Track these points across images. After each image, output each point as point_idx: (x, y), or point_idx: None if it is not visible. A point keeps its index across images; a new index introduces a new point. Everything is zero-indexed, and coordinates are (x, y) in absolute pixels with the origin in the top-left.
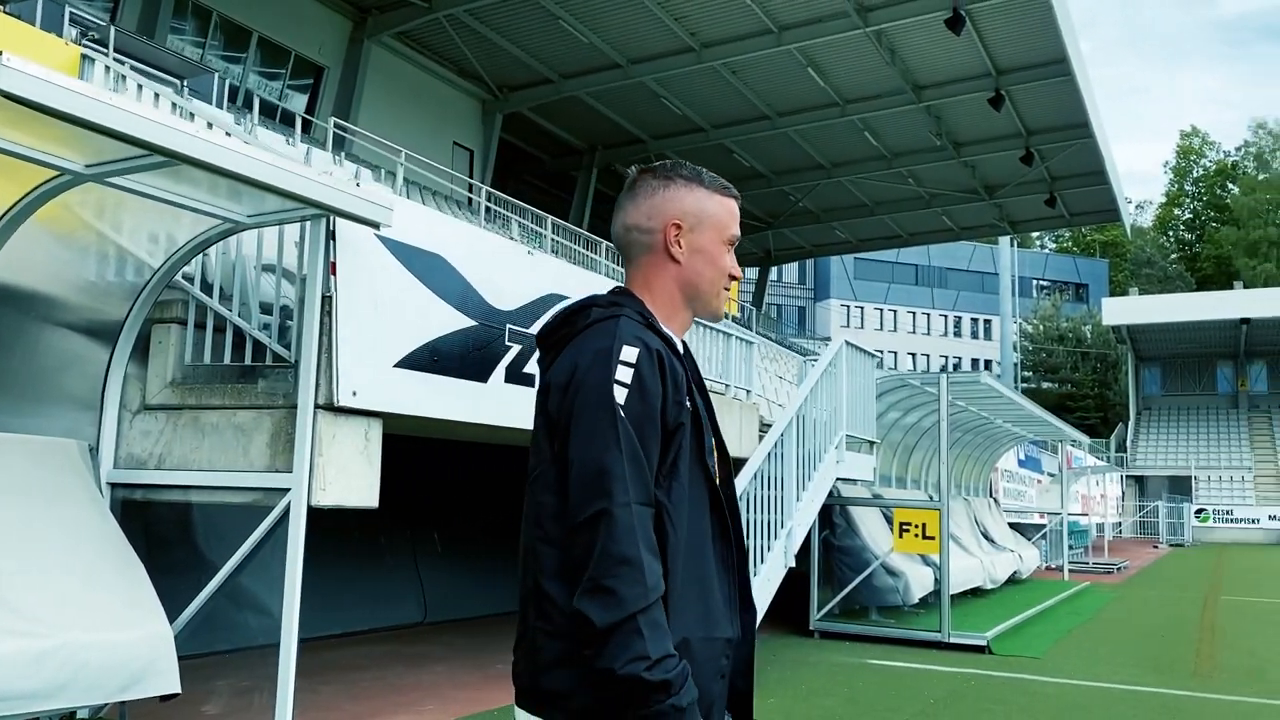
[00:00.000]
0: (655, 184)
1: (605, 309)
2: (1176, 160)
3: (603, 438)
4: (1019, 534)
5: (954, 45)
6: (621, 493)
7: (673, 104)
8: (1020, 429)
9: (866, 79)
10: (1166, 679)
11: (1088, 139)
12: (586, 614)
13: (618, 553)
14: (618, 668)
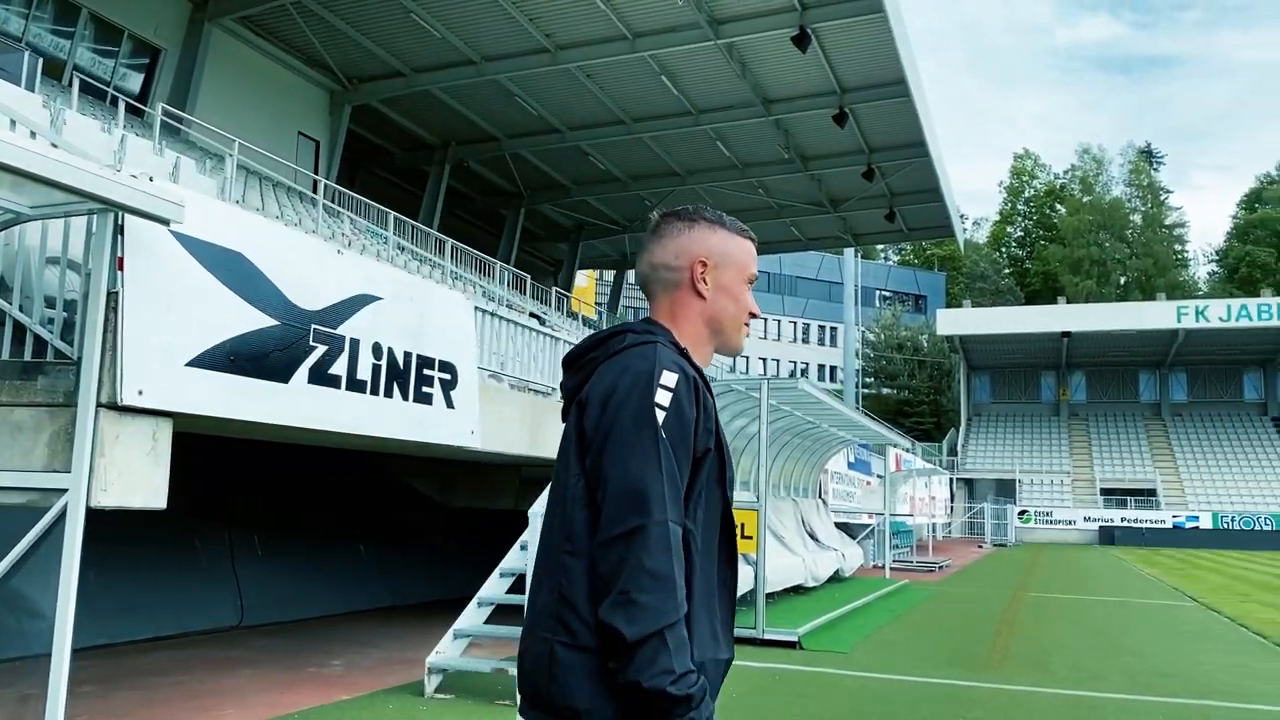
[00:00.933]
0: (681, 225)
1: (639, 335)
2: (1010, 180)
3: (643, 456)
4: (845, 533)
5: (802, 62)
6: (659, 510)
7: (528, 104)
8: (846, 433)
9: (719, 90)
10: (959, 671)
11: (924, 158)
12: (615, 626)
13: (651, 567)
14: (644, 680)
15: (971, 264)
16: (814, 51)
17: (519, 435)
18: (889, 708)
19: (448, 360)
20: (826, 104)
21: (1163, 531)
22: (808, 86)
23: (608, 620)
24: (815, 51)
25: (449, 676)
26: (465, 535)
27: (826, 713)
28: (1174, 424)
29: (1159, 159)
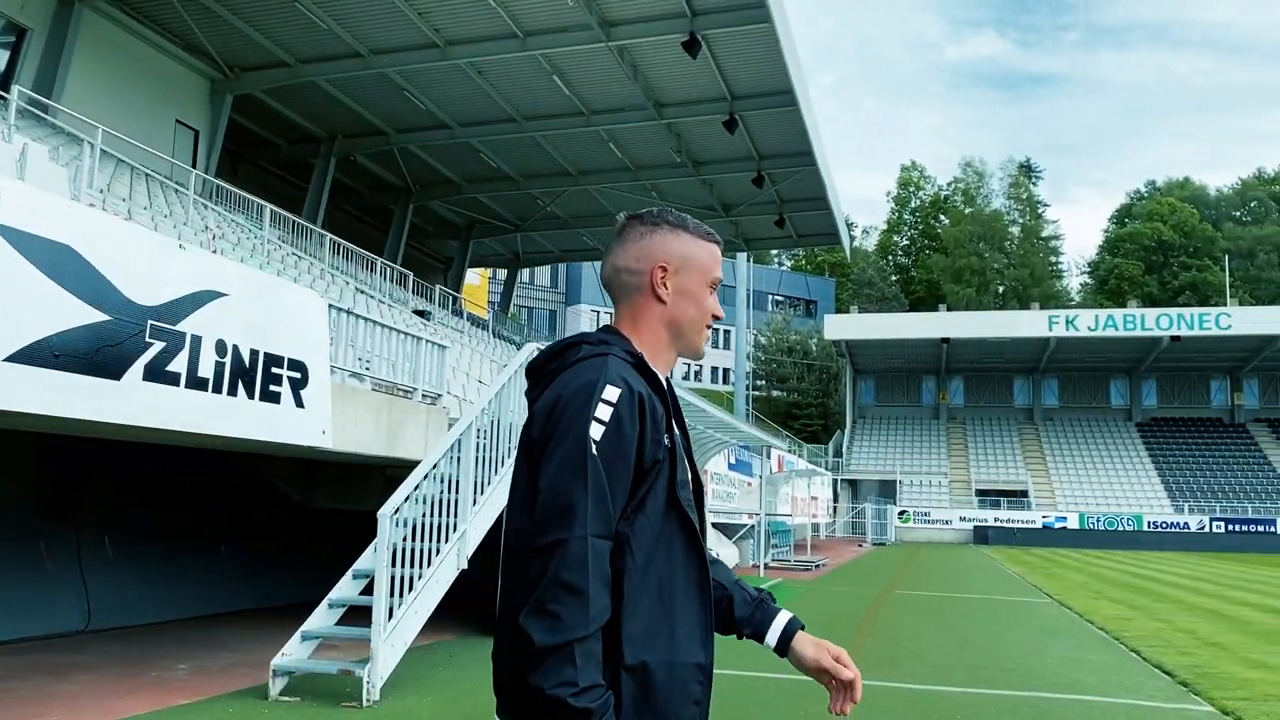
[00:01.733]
0: (643, 229)
1: (594, 346)
2: (898, 191)
3: (571, 470)
4: (722, 533)
5: (693, 68)
6: (580, 525)
7: (417, 99)
8: (722, 434)
9: (610, 92)
10: None
11: (811, 167)
12: (528, 632)
13: (567, 580)
14: (547, 688)
15: (859, 271)
16: (704, 58)
17: (376, 436)
18: (732, 702)
19: (298, 359)
20: (717, 110)
21: (1033, 531)
22: (699, 92)
23: (522, 625)
24: (706, 58)
25: (295, 679)
26: (330, 536)
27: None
28: (1045, 428)
29: (1038, 173)
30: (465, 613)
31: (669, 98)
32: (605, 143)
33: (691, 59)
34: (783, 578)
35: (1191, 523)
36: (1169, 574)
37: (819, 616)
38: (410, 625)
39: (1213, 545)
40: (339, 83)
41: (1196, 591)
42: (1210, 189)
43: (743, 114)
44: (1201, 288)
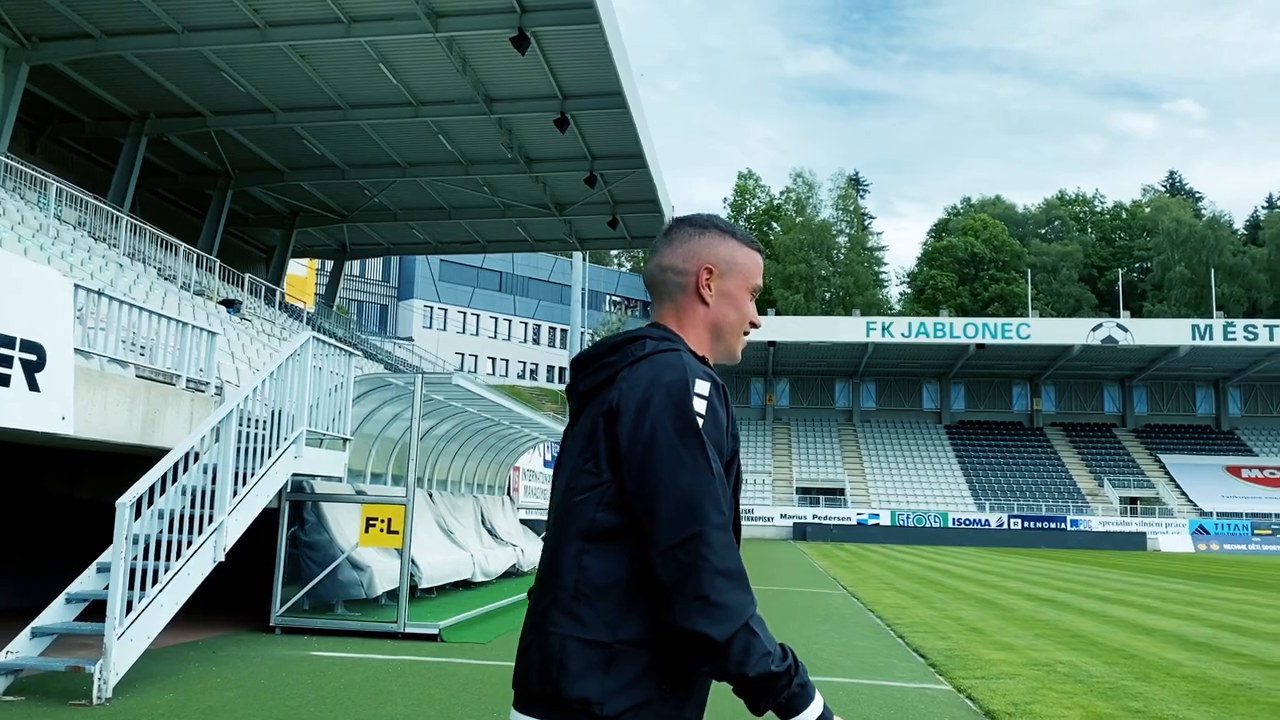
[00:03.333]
0: (691, 231)
1: (658, 342)
2: (734, 198)
3: (694, 465)
4: (530, 530)
5: (523, 63)
6: (715, 514)
7: (235, 80)
8: (535, 431)
9: (439, 83)
10: None
11: (643, 169)
12: (704, 633)
13: (721, 567)
14: (749, 671)
15: None
16: (535, 55)
17: (128, 424)
18: (486, 690)
19: (33, 340)
20: (549, 108)
21: (848, 528)
22: (530, 89)
23: (690, 627)
24: (536, 55)
25: (24, 678)
26: (94, 530)
27: (426, 697)
28: (863, 429)
29: (865, 186)
30: (243, 609)
31: (500, 93)
32: (435, 135)
33: (520, 55)
34: None
35: (992, 520)
36: (960, 567)
37: None
38: (154, 619)
39: (1009, 541)
40: (150, 59)
41: (978, 582)
42: (1019, 207)
43: (574, 113)
44: (1009, 299)
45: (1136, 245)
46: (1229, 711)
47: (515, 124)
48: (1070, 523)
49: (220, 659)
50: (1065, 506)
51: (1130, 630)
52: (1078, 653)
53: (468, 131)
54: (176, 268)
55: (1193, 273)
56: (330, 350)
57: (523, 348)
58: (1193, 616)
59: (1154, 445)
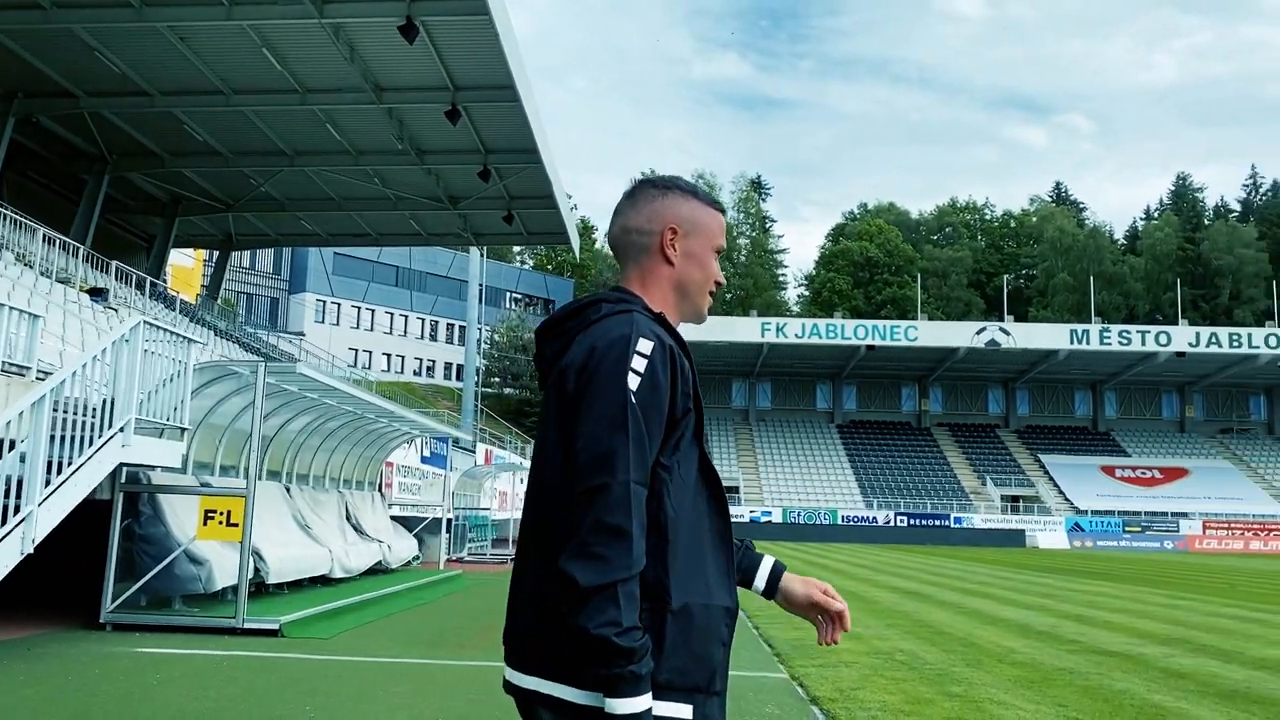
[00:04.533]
0: (655, 192)
1: (614, 305)
2: None
3: (612, 419)
4: (401, 526)
5: (412, 53)
6: (622, 470)
7: (110, 60)
8: (405, 426)
9: (326, 71)
10: (435, 651)
11: (537, 165)
12: (572, 574)
13: (611, 523)
14: (591, 627)
15: (597, 273)
16: (425, 45)
17: None
18: (319, 683)
19: None
20: (439, 99)
21: (740, 526)
22: (420, 79)
23: (564, 568)
24: (426, 45)
25: None
26: None
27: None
28: (758, 428)
29: (767, 190)
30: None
31: (389, 82)
32: (323, 124)
33: (409, 44)
34: (462, 570)
35: (879, 517)
36: (839, 562)
37: (474, 606)
38: None
39: (896, 538)
40: (16, 34)
41: (851, 576)
42: (914, 213)
43: (465, 105)
44: (902, 302)
45: (1023, 253)
46: (1042, 694)
47: (406, 115)
48: (954, 520)
49: (34, 656)
50: (949, 504)
51: (979, 620)
52: (921, 642)
53: (357, 121)
54: (38, 254)
55: (1075, 280)
56: (165, 336)
57: (419, 344)
58: (1043, 607)
59: (1034, 445)
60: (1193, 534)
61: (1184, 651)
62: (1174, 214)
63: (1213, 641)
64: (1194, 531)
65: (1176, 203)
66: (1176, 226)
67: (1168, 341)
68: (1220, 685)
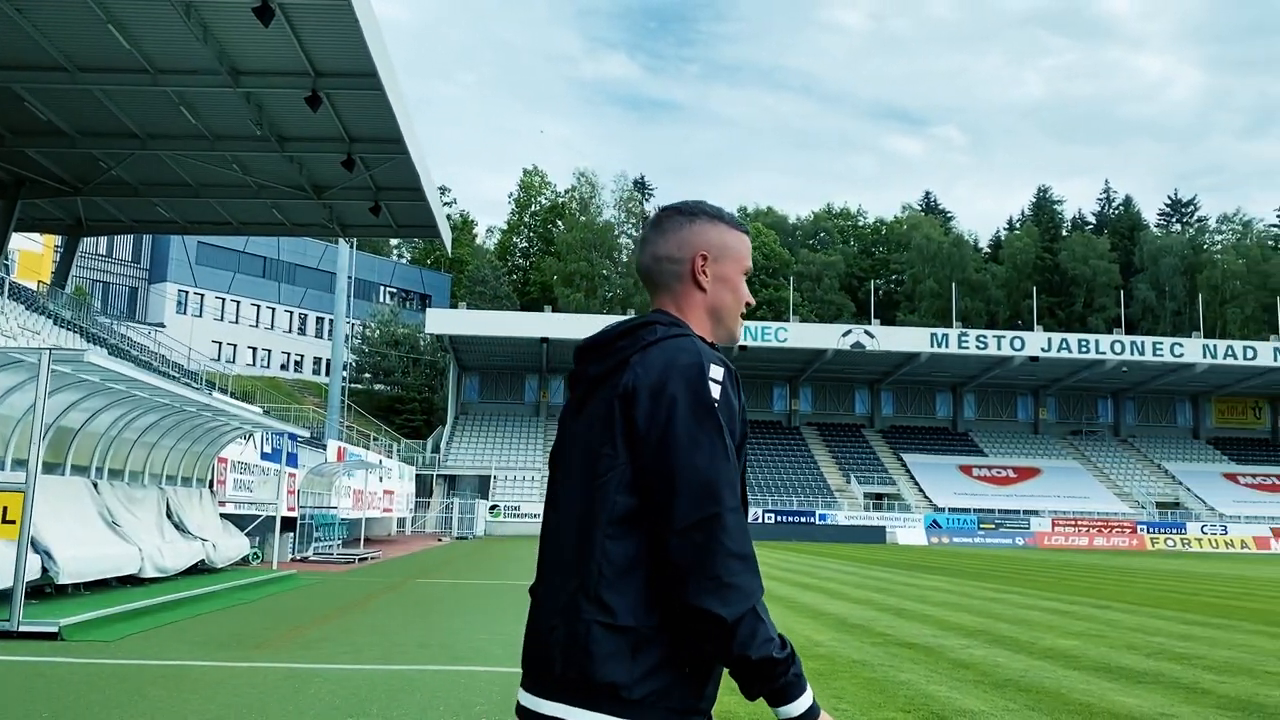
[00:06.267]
0: (681, 220)
1: (668, 327)
2: (519, 194)
3: (710, 447)
4: (231, 524)
5: (270, 36)
6: (730, 498)
7: None
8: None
9: (178, 51)
10: (231, 653)
11: (404, 155)
12: (711, 610)
13: (735, 550)
14: (753, 653)
15: (476, 269)
16: (282, 28)
17: None
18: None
19: None
20: (300, 85)
21: None
22: (279, 64)
23: (700, 605)
24: (284, 28)
25: None
26: None
27: (31, 698)
28: None
29: (650, 191)
30: None
31: (247, 66)
32: (176, 106)
33: (265, 27)
34: (297, 570)
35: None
36: None
37: (298, 605)
38: None
39: (764, 534)
40: None
41: None
42: (791, 218)
43: (327, 92)
44: (776, 304)
45: (893, 259)
46: (823, 687)
47: (265, 100)
48: (819, 517)
49: None
50: (815, 501)
51: (802, 615)
52: None
53: (213, 105)
54: None
55: (940, 286)
56: None
57: (287, 338)
58: (870, 602)
59: (897, 445)
60: (1042, 531)
61: (982, 643)
62: (1034, 225)
63: (1013, 633)
64: (1043, 528)
65: (1037, 214)
66: (1036, 237)
67: (1022, 346)
68: (998, 675)
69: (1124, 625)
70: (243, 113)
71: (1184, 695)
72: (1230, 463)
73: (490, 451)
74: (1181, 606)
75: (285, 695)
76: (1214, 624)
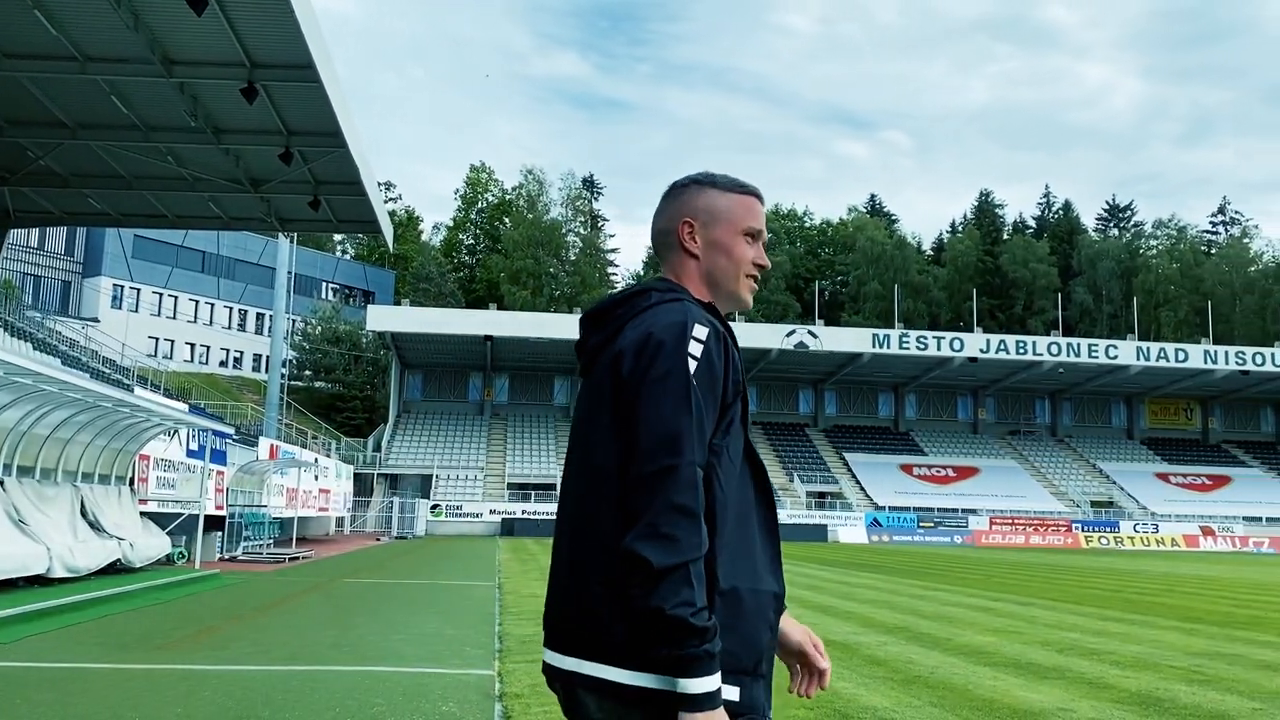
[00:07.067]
0: (674, 191)
1: (663, 293)
2: (466, 191)
3: (676, 401)
4: (152, 522)
5: (204, 25)
6: (689, 452)
7: None
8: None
9: (108, 39)
10: (120, 655)
11: (343, 149)
12: (644, 555)
13: (681, 503)
14: (668, 608)
15: (420, 266)
16: (216, 17)
17: None
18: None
19: None
20: (235, 75)
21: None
22: (214, 53)
23: (634, 549)
24: (218, 17)
25: None
26: None
27: None
28: None
29: (600, 189)
30: None
31: (180, 55)
32: (107, 95)
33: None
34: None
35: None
36: None
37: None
38: None
39: None
40: None
41: None
42: None
43: (264, 84)
44: None
45: (838, 260)
46: None
47: (199, 90)
48: None
49: None
50: None
51: None
52: None
53: (145, 95)
54: None
55: (884, 288)
56: None
57: (226, 334)
58: (797, 599)
59: (840, 444)
60: (980, 529)
61: (899, 640)
62: (976, 228)
63: (932, 630)
64: (981, 527)
65: (979, 218)
66: (978, 240)
67: (961, 347)
68: (909, 672)
69: (1042, 622)
70: (176, 103)
71: (1086, 690)
72: (1162, 462)
73: (433, 450)
74: (1102, 603)
75: (176, 697)
76: (1130, 620)
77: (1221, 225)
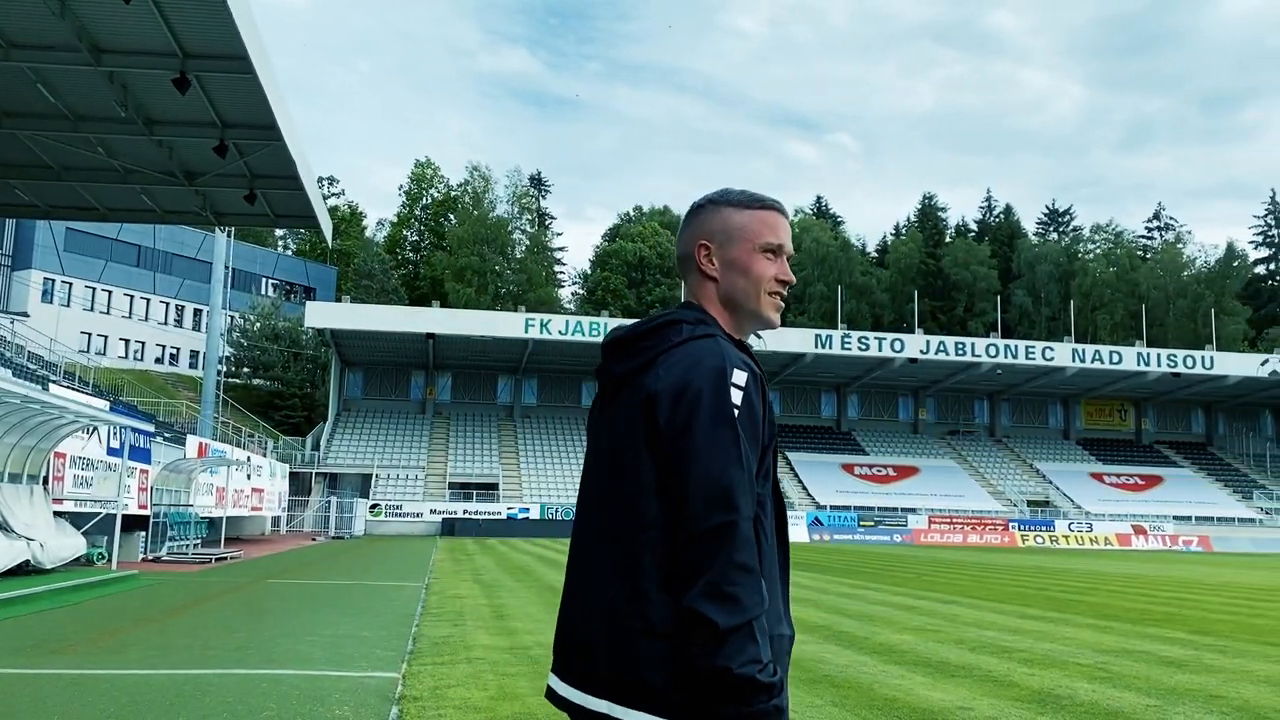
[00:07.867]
0: (690, 214)
1: (694, 326)
2: (410, 187)
3: (726, 453)
4: (67, 522)
5: (133, 14)
6: (745, 507)
7: None
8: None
9: (33, 25)
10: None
11: (279, 143)
12: (708, 615)
13: (741, 561)
14: (735, 667)
15: (362, 262)
16: (146, 6)
17: None
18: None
19: None
20: (167, 65)
21: (497, 522)
22: (144, 43)
23: (697, 608)
24: (148, 5)
25: None
26: None
27: None
28: (523, 425)
29: (547, 187)
30: None
31: (110, 44)
32: (33, 83)
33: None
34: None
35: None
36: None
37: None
38: None
39: None
40: None
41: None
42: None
43: (197, 74)
44: (673, 303)
45: None
46: None
47: (130, 80)
48: None
49: None
50: None
51: None
52: None
53: (73, 84)
54: None
55: (829, 289)
56: None
57: (161, 330)
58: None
59: (783, 444)
60: (919, 528)
61: (817, 639)
62: (919, 231)
63: (853, 628)
64: (920, 525)
65: (923, 221)
66: (921, 243)
67: (902, 348)
68: (818, 671)
69: (963, 620)
70: (106, 93)
71: (990, 688)
72: (1097, 462)
73: (373, 449)
74: (1025, 601)
75: (62, 702)
76: (1049, 618)
77: (1157, 230)
